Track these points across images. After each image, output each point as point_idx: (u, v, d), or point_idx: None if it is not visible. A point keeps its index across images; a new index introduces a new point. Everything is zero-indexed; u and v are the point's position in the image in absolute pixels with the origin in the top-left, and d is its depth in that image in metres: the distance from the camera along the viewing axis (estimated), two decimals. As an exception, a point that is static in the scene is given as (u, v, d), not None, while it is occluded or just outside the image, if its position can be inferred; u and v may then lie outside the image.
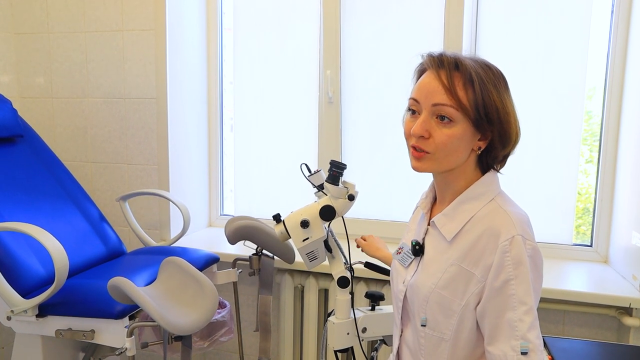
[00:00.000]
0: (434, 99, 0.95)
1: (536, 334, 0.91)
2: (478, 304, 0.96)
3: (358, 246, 1.57)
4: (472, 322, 0.98)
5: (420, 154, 0.98)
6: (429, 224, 1.08)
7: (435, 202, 1.11)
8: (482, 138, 0.98)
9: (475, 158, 1.01)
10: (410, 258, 1.09)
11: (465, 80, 0.94)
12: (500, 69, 1.00)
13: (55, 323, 1.50)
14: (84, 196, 1.93)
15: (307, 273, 2.00)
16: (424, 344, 1.04)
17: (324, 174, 1.32)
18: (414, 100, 0.99)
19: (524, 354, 0.90)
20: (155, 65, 2.10)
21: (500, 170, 1.06)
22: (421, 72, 1.02)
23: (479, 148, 0.99)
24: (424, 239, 1.08)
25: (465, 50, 1.99)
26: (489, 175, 1.03)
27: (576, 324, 1.81)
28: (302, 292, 2.03)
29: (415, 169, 1.00)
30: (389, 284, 1.27)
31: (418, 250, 1.07)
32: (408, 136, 1.01)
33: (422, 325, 1.03)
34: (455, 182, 1.03)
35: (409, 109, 1.01)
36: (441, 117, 0.95)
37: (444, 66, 0.95)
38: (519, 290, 0.91)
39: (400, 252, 1.14)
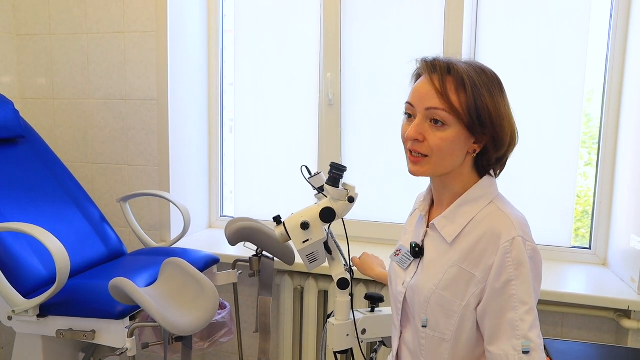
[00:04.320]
0: (427, 102, 0.97)
1: (537, 333, 0.93)
2: (478, 304, 0.97)
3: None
4: (472, 323, 0.99)
5: (417, 159, 0.99)
6: (427, 226, 1.09)
7: (432, 204, 1.12)
8: (477, 141, 0.99)
9: (471, 161, 1.02)
10: (409, 260, 1.09)
11: (458, 84, 0.95)
12: (496, 73, 1.00)
13: (56, 323, 1.51)
14: (85, 197, 1.94)
15: (306, 274, 2.01)
16: (424, 344, 1.04)
17: (324, 176, 1.32)
18: (409, 104, 1.01)
19: (525, 353, 0.91)
20: (156, 66, 2.11)
21: (499, 174, 1.07)
22: (417, 76, 1.04)
23: (474, 151, 1.00)
24: (423, 241, 1.08)
25: (465, 53, 1.99)
26: (487, 178, 1.04)
27: (575, 326, 1.82)
28: (302, 293, 2.04)
29: (412, 173, 1.02)
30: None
31: (418, 252, 1.07)
32: (404, 140, 1.02)
33: (422, 326, 1.03)
34: (452, 185, 1.04)
35: (406, 113, 1.03)
36: (435, 121, 0.97)
37: (437, 71, 0.97)
38: (520, 291, 0.92)
39: (398, 254, 1.14)
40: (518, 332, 0.92)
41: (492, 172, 1.06)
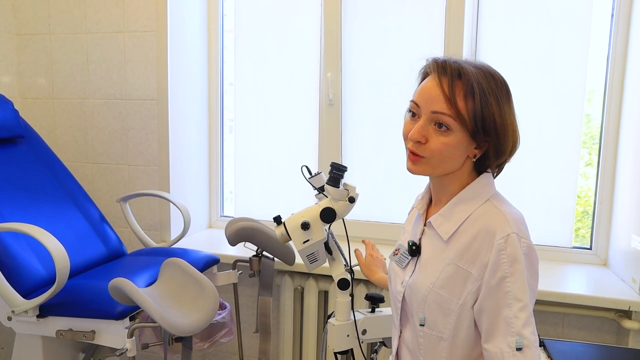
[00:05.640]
0: (433, 106, 0.96)
1: (531, 330, 0.93)
2: (475, 302, 0.97)
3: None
4: (469, 321, 0.99)
5: (416, 158, 0.99)
6: (425, 225, 1.09)
7: (431, 203, 1.12)
8: (478, 147, 0.99)
9: (470, 164, 1.02)
10: (407, 259, 1.09)
11: (467, 91, 0.94)
12: (504, 78, 0.99)
13: (56, 323, 1.50)
14: (85, 197, 1.94)
15: (307, 275, 2.00)
16: (422, 343, 1.04)
17: (325, 176, 1.32)
18: (414, 103, 1.00)
19: (518, 349, 0.91)
20: (157, 66, 2.10)
21: (500, 174, 1.07)
22: (425, 74, 1.02)
23: (475, 156, 1.00)
24: (420, 239, 1.08)
25: (466, 53, 1.99)
26: (484, 176, 1.04)
27: (575, 326, 1.82)
28: (302, 293, 2.04)
29: (409, 170, 1.02)
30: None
31: (415, 250, 1.08)
32: (406, 138, 1.02)
33: (420, 325, 1.04)
34: (451, 185, 1.04)
35: (410, 111, 1.02)
36: (439, 125, 0.96)
37: (447, 74, 0.95)
38: (515, 287, 0.92)
39: (397, 254, 1.14)
40: (512, 329, 0.92)
41: (489, 170, 1.06)
